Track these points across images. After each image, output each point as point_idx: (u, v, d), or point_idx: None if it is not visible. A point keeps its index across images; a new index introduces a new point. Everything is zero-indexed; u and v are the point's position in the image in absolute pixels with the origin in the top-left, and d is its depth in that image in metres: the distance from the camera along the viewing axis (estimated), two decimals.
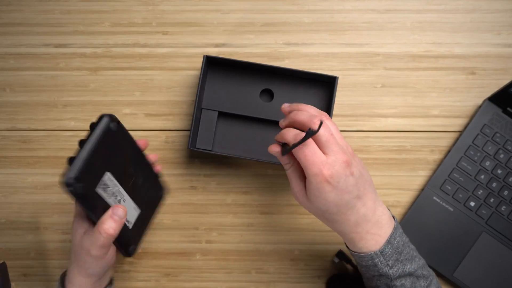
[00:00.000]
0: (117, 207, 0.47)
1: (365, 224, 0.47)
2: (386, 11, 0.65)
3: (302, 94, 0.62)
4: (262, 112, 0.62)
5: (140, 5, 0.65)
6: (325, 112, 0.48)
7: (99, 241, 0.46)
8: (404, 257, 0.48)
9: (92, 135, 0.44)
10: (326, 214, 0.46)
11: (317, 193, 0.44)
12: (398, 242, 0.48)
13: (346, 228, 0.47)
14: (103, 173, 0.45)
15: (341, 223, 0.47)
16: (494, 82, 0.64)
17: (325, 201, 0.45)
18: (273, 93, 0.62)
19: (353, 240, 0.48)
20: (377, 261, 0.48)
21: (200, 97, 0.60)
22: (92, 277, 0.49)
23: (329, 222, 0.48)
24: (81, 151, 0.43)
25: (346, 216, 0.46)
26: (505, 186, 0.61)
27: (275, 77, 0.62)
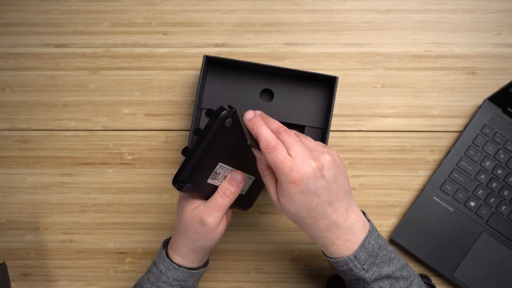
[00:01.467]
0: (235, 172, 0.49)
1: (335, 230, 0.47)
2: (386, 11, 0.65)
3: (302, 94, 0.62)
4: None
5: (140, 5, 0.65)
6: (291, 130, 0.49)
7: (216, 203, 0.48)
8: (381, 259, 0.48)
9: (204, 136, 0.43)
10: (297, 217, 0.46)
11: (287, 195, 0.44)
12: (373, 245, 0.48)
13: (316, 233, 0.47)
14: (215, 166, 0.46)
15: (311, 228, 0.47)
16: (494, 82, 0.64)
17: (295, 203, 0.45)
18: (273, 93, 0.62)
19: (325, 246, 0.48)
20: (352, 266, 0.47)
21: (200, 97, 0.60)
22: (196, 251, 0.51)
23: (300, 225, 0.48)
24: (191, 154, 0.43)
25: (316, 221, 0.46)
26: (505, 186, 0.61)
27: (275, 77, 0.62)
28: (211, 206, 0.48)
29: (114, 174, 0.64)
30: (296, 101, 0.62)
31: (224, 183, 0.49)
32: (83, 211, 0.64)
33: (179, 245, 0.51)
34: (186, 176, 0.44)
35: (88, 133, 0.64)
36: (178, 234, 0.51)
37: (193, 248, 0.50)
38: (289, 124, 0.63)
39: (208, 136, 0.43)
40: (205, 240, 0.49)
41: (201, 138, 0.43)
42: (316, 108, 0.62)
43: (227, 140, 0.45)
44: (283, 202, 0.46)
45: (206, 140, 0.43)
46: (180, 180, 0.44)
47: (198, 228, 0.48)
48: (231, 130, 0.44)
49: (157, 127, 0.64)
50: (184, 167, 0.43)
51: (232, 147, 0.46)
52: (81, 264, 0.64)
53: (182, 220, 0.49)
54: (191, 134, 0.59)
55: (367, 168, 0.64)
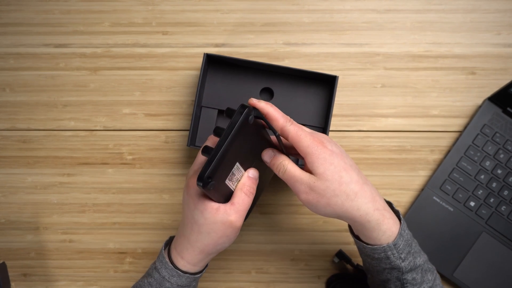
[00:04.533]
0: (252, 170, 0.48)
1: (379, 199, 0.46)
2: (386, 11, 0.65)
3: (302, 93, 0.62)
4: None
5: (140, 5, 0.65)
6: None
7: (245, 204, 0.46)
8: (414, 249, 0.47)
9: (230, 132, 0.42)
10: (343, 185, 0.43)
11: (322, 161, 0.43)
12: (407, 234, 0.47)
13: (367, 204, 0.44)
14: (233, 165, 0.45)
15: (360, 196, 0.44)
16: (494, 82, 0.64)
17: (334, 167, 0.43)
18: (273, 91, 0.62)
19: (377, 222, 0.45)
20: (390, 254, 0.46)
21: (200, 95, 0.60)
22: (211, 255, 0.49)
23: (348, 198, 0.44)
24: (216, 150, 0.42)
25: (360, 186, 0.44)
26: (505, 186, 0.61)
27: (275, 76, 0.62)
28: (241, 208, 0.46)
29: (114, 174, 0.64)
30: (296, 100, 0.62)
31: (247, 182, 0.47)
32: (83, 211, 0.64)
33: (195, 251, 0.47)
34: (212, 172, 0.41)
35: (88, 133, 0.64)
36: (195, 240, 0.47)
37: (213, 251, 0.48)
38: None
39: (233, 131, 0.42)
40: (229, 242, 0.48)
41: (227, 133, 0.42)
42: (316, 108, 0.62)
43: (245, 138, 0.44)
44: (323, 171, 0.43)
45: (232, 135, 0.42)
46: (207, 176, 0.41)
47: (227, 231, 0.46)
48: (251, 128, 0.44)
49: (157, 127, 0.64)
50: (210, 163, 0.42)
51: (248, 147, 0.45)
52: (81, 264, 0.64)
53: (206, 225, 0.45)
54: (191, 132, 0.59)
55: (367, 168, 0.64)
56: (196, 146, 0.60)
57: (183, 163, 0.64)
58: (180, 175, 0.64)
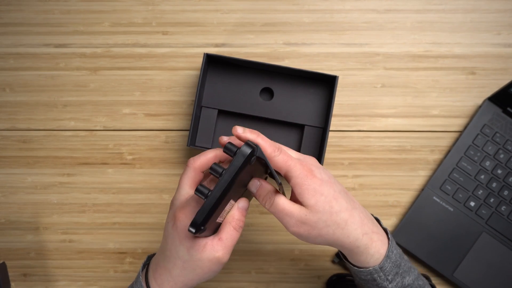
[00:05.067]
0: (242, 201, 0.45)
1: (367, 221, 0.45)
2: (386, 11, 0.65)
3: (302, 93, 0.62)
4: (262, 111, 0.62)
5: (140, 5, 0.65)
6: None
7: (233, 240, 0.43)
8: (402, 269, 0.46)
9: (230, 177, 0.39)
10: (333, 215, 0.43)
11: (312, 192, 0.42)
12: (396, 255, 0.46)
13: (356, 230, 0.44)
14: (227, 203, 0.42)
15: (350, 224, 0.44)
16: (494, 82, 0.64)
17: (324, 197, 0.42)
18: (273, 91, 0.62)
19: (366, 247, 0.44)
20: (376, 276, 0.45)
21: (200, 95, 0.60)
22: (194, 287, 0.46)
23: (339, 229, 0.43)
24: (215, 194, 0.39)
25: (351, 213, 0.44)
26: (505, 186, 0.61)
27: (275, 76, 0.62)
28: (229, 243, 0.43)
29: (114, 174, 0.64)
30: (296, 100, 0.62)
31: (237, 215, 0.44)
32: (83, 211, 0.64)
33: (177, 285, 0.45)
34: (206, 221, 0.39)
35: (88, 133, 0.64)
36: (178, 274, 0.44)
37: (196, 284, 0.45)
38: (288, 123, 0.63)
39: (234, 176, 0.39)
40: (215, 275, 0.45)
41: (226, 179, 0.39)
42: (316, 108, 0.62)
43: (243, 177, 0.41)
44: (314, 203, 0.42)
45: (231, 180, 0.39)
46: (200, 224, 0.39)
47: (213, 267, 0.43)
48: (251, 167, 0.41)
49: (157, 127, 0.64)
50: (206, 211, 0.39)
51: (241, 183, 0.42)
52: (81, 264, 0.64)
53: (191, 261, 0.43)
54: (191, 132, 0.59)
55: (367, 168, 0.64)
56: (196, 146, 0.60)
57: (183, 163, 0.64)
58: (180, 175, 0.64)
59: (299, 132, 0.63)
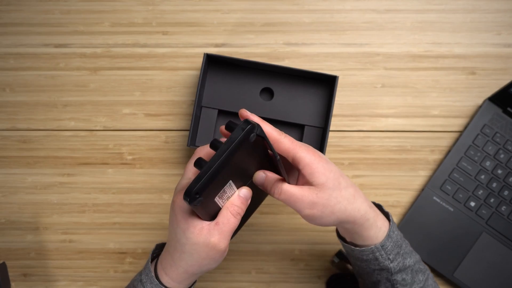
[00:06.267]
0: (245, 189, 0.44)
1: (370, 204, 0.46)
2: (386, 11, 0.65)
3: (302, 93, 0.62)
4: (262, 111, 0.62)
5: (140, 5, 0.65)
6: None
7: (231, 226, 0.43)
8: (404, 250, 0.48)
9: (227, 148, 0.38)
10: (342, 190, 0.44)
11: (321, 170, 0.43)
12: (397, 235, 0.48)
13: (362, 204, 0.45)
14: (226, 183, 0.41)
15: (357, 197, 0.45)
16: (494, 82, 0.64)
17: (333, 173, 0.43)
18: (273, 91, 0.62)
19: (374, 219, 0.46)
20: (378, 255, 0.46)
21: (200, 95, 0.60)
22: (198, 274, 0.46)
23: (350, 204, 0.44)
24: (209, 165, 0.38)
25: (355, 189, 0.45)
26: (505, 186, 0.61)
27: (275, 76, 0.62)
28: (225, 229, 0.42)
29: (114, 174, 0.64)
30: (296, 100, 0.62)
31: (236, 201, 0.43)
32: (83, 211, 0.64)
33: (178, 270, 0.45)
34: (201, 188, 0.38)
35: (88, 133, 0.64)
36: (178, 258, 0.44)
37: (198, 271, 0.45)
38: (289, 123, 0.63)
39: (231, 148, 0.38)
40: (215, 263, 0.45)
41: (224, 149, 0.39)
42: (316, 108, 0.62)
43: (243, 156, 0.41)
44: (325, 181, 0.43)
45: (229, 152, 0.38)
46: (194, 192, 0.38)
47: (210, 253, 0.43)
48: (251, 146, 0.41)
49: (157, 127, 0.64)
50: (201, 179, 0.38)
51: (244, 165, 0.42)
52: (81, 264, 0.64)
53: (188, 245, 0.43)
54: (191, 132, 0.59)
55: (367, 168, 0.64)
56: (196, 146, 0.60)
57: (183, 163, 0.64)
58: (180, 175, 0.64)
59: (299, 132, 0.63)
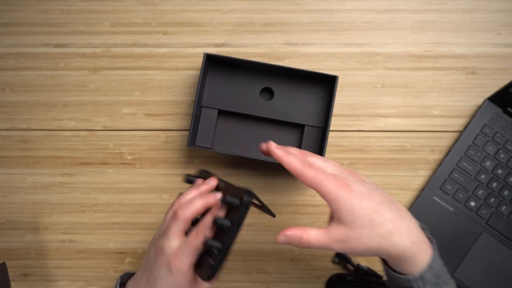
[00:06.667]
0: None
1: (415, 230, 0.43)
2: (386, 11, 0.65)
3: (302, 93, 0.62)
4: (262, 111, 0.62)
5: (140, 5, 0.65)
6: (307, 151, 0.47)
7: None
8: (441, 280, 0.44)
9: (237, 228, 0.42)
10: (377, 228, 0.41)
11: (350, 208, 0.41)
12: (438, 265, 0.44)
13: (404, 240, 0.42)
14: None
15: (396, 234, 0.42)
16: (494, 82, 0.64)
17: (364, 211, 0.41)
18: (273, 91, 0.62)
19: (413, 256, 0.43)
20: (414, 284, 0.43)
21: (200, 95, 0.60)
22: None
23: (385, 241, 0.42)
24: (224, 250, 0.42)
25: (396, 224, 0.42)
26: (505, 186, 0.61)
27: (275, 75, 0.62)
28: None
29: (114, 174, 0.64)
30: (296, 100, 0.62)
31: None
32: (83, 211, 0.64)
33: None
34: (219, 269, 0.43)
35: (88, 133, 0.64)
36: None
37: None
38: (289, 123, 0.63)
39: (240, 227, 0.42)
40: None
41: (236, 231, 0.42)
42: (316, 107, 0.62)
43: None
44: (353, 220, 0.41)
45: (238, 230, 0.42)
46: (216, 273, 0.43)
47: None
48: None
49: (157, 127, 0.64)
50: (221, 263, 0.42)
51: None
52: (81, 264, 0.64)
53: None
54: (191, 132, 0.59)
55: (367, 168, 0.64)
56: (196, 146, 0.60)
57: (183, 163, 0.64)
58: (180, 175, 0.64)
59: (299, 132, 0.63)
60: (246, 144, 0.62)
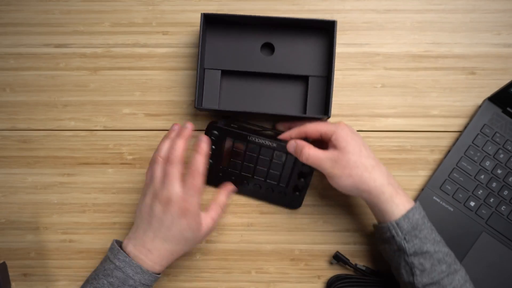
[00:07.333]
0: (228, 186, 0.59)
1: (393, 180, 0.52)
2: (386, 11, 0.65)
3: (303, 44, 0.61)
4: (265, 66, 0.62)
5: (140, 5, 0.65)
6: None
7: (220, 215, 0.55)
8: (423, 235, 0.49)
9: None
10: (363, 159, 0.51)
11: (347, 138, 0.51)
12: (418, 220, 0.50)
13: (382, 176, 0.51)
14: None
15: (378, 169, 0.51)
16: (494, 82, 0.64)
17: (355, 142, 0.52)
18: (274, 46, 0.62)
19: (391, 194, 0.50)
20: (394, 233, 0.50)
21: (202, 57, 0.60)
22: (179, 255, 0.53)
23: (367, 172, 0.50)
24: None
25: (377, 163, 0.52)
26: (505, 186, 0.61)
27: (274, 30, 0.62)
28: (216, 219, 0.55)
29: (114, 174, 0.64)
30: (297, 52, 0.62)
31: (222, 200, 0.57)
32: (83, 211, 0.64)
33: (169, 256, 0.52)
34: None
35: (88, 133, 0.64)
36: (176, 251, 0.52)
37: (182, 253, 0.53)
38: (292, 76, 0.62)
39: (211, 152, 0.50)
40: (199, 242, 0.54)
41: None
42: (318, 58, 0.62)
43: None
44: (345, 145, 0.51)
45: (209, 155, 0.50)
46: None
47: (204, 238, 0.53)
48: None
49: (157, 127, 0.64)
50: None
51: None
52: (81, 264, 0.64)
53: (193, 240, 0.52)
54: (197, 95, 0.59)
55: None
56: (203, 108, 0.60)
57: None
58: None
59: (304, 85, 0.62)
60: (252, 100, 0.62)
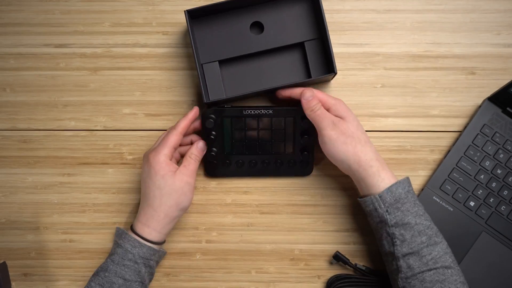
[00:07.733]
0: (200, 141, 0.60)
1: (381, 158, 0.55)
2: (386, 11, 0.65)
3: (289, 14, 0.61)
4: (258, 45, 0.62)
5: (140, 5, 0.65)
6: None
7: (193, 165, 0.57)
8: (405, 208, 0.52)
9: None
10: (359, 132, 0.54)
11: (348, 111, 0.56)
12: (401, 194, 0.52)
13: (372, 153, 0.54)
14: None
15: (369, 145, 0.54)
16: (494, 82, 0.64)
17: (354, 117, 0.56)
18: (262, 24, 0.62)
19: (378, 169, 0.53)
20: (377, 205, 0.52)
21: (197, 54, 0.60)
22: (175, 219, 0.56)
23: (360, 144, 0.54)
24: None
25: (369, 141, 0.55)
26: (505, 186, 0.61)
27: (259, 8, 0.62)
28: (191, 168, 0.56)
29: (114, 174, 0.64)
30: (286, 23, 0.62)
31: (194, 151, 0.58)
32: (83, 211, 0.64)
33: (160, 216, 0.55)
34: None
35: (88, 133, 0.64)
36: (158, 205, 0.54)
37: (175, 214, 0.55)
38: (287, 47, 0.62)
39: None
40: (188, 201, 0.56)
41: None
42: (307, 21, 0.62)
43: None
44: (346, 115, 0.55)
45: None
46: None
47: (184, 188, 0.55)
48: None
49: (157, 127, 0.64)
50: None
51: None
52: (81, 264, 0.64)
53: (166, 187, 0.54)
54: (203, 91, 0.59)
55: None
56: (212, 101, 0.59)
57: None
58: None
59: (301, 51, 0.62)
60: (255, 81, 0.63)
